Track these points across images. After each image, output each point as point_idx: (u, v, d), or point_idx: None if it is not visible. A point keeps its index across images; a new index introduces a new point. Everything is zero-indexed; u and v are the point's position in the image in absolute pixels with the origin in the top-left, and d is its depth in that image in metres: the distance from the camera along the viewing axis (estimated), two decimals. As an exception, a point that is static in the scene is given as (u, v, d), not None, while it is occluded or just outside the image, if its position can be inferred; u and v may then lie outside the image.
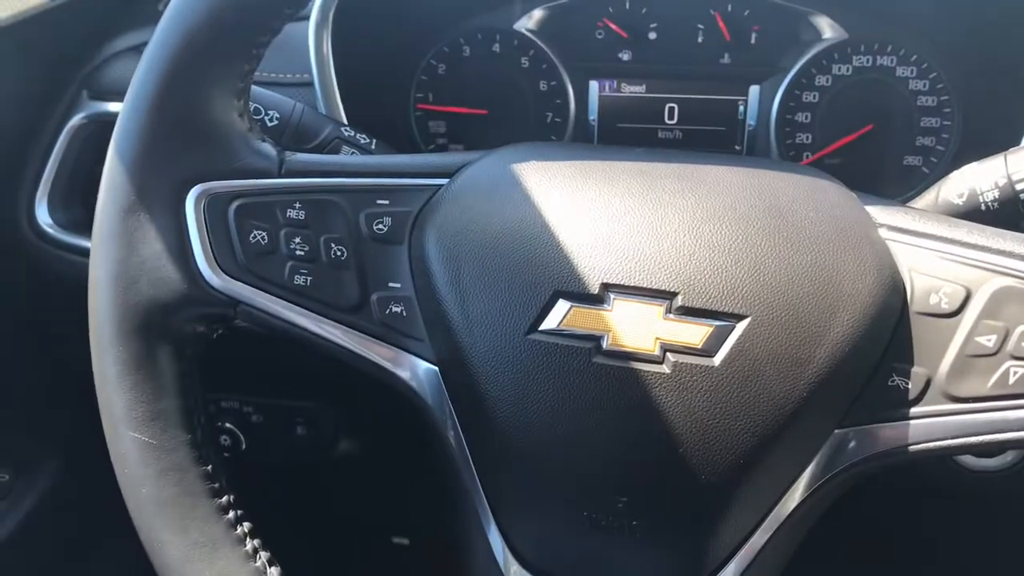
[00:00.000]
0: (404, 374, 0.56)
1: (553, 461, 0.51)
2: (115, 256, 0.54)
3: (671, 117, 0.94)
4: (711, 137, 0.94)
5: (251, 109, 0.59)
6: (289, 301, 0.55)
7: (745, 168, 0.56)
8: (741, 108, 0.93)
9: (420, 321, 0.55)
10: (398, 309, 0.55)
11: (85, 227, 0.89)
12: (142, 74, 0.54)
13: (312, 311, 0.55)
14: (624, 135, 0.96)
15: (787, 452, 0.50)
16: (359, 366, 0.56)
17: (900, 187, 0.91)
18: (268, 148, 0.56)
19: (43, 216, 0.87)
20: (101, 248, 0.54)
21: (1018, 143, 0.82)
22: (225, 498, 0.56)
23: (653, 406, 0.49)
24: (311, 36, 0.81)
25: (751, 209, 0.52)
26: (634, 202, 0.53)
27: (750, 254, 0.50)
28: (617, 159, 0.57)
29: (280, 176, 0.56)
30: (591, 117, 0.96)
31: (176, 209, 0.54)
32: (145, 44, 0.88)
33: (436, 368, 0.55)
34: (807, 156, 0.92)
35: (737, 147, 0.94)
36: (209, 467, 0.56)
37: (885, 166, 0.91)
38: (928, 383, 0.50)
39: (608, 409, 0.50)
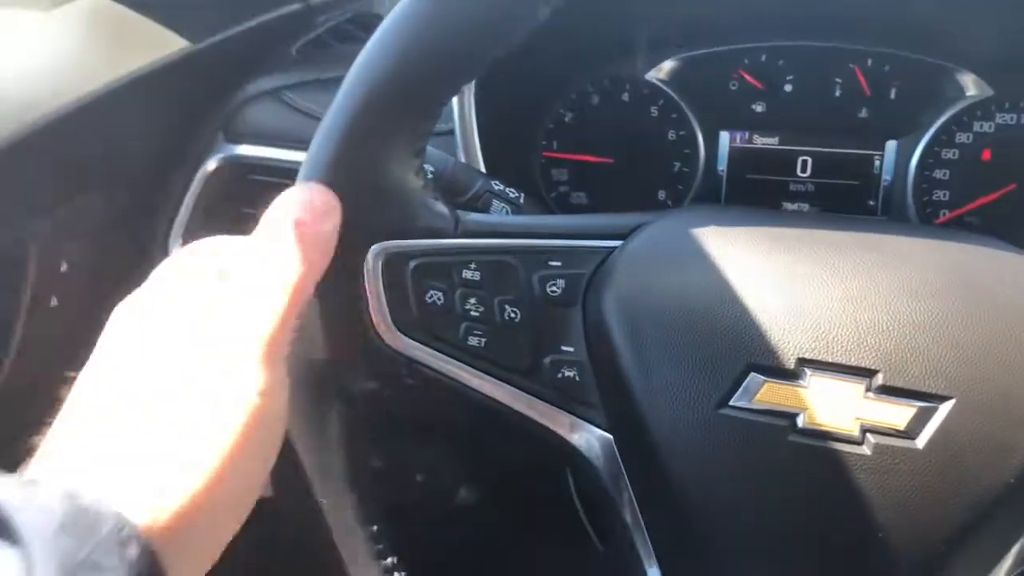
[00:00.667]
0: (575, 440, 0.55)
1: (741, 541, 0.50)
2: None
3: (804, 170, 0.92)
4: (845, 191, 0.92)
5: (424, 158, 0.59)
6: (463, 362, 0.55)
7: (932, 240, 0.54)
8: (877, 163, 0.91)
9: (593, 387, 0.54)
10: (571, 373, 0.54)
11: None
12: (325, 130, 0.54)
13: (485, 372, 0.55)
14: (754, 187, 0.94)
15: (988, 540, 0.48)
16: (528, 428, 0.55)
17: (1043, 248, 0.89)
18: (443, 208, 0.56)
19: (179, 256, 0.88)
20: None
21: None
22: (389, 560, 0.56)
23: (851, 489, 0.47)
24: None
25: (946, 284, 0.51)
26: (825, 273, 0.51)
27: (950, 331, 0.49)
28: (798, 225, 0.55)
29: (456, 236, 0.56)
30: (720, 168, 0.94)
31: (355, 268, 0.54)
32: (281, 88, 0.92)
33: (609, 436, 0.54)
34: (944, 214, 0.90)
35: (871, 202, 0.92)
36: (374, 527, 0.56)
37: (1027, 226, 0.89)
38: None
39: (803, 490, 0.48)
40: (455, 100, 0.82)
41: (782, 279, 0.52)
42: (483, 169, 0.82)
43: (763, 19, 0.91)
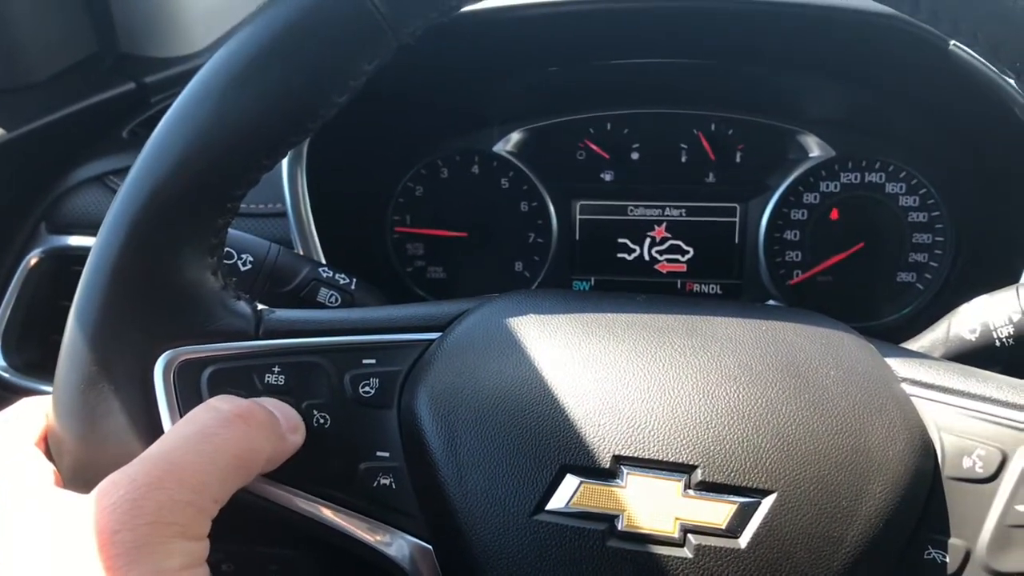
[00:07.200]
0: (394, 553, 0.50)
1: (564, 656, 0.46)
2: (75, 433, 0.49)
3: (656, 236, 0.91)
4: (698, 256, 0.92)
5: (223, 254, 0.55)
6: (267, 476, 0.50)
7: (756, 320, 0.52)
8: (728, 227, 0.90)
9: (412, 494, 0.50)
10: (387, 481, 0.50)
11: (43, 369, 0.84)
12: (106, 230, 0.49)
13: (293, 486, 0.50)
14: (608, 255, 0.93)
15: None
16: (344, 544, 0.51)
17: (894, 304, 0.89)
18: (244, 307, 0.52)
19: (-3, 359, 0.82)
20: (59, 426, 0.49)
21: (1014, 257, 0.81)
22: None
23: (675, 595, 0.44)
24: (285, 172, 0.78)
25: (768, 368, 0.49)
26: (642, 362, 0.49)
27: (771, 420, 0.46)
28: (619, 311, 0.53)
29: (258, 337, 0.51)
30: (574, 237, 0.93)
31: (143, 379, 0.49)
32: (108, 174, 0.86)
33: (430, 547, 0.50)
34: (797, 274, 0.90)
35: (726, 266, 0.91)
36: None
37: (878, 283, 0.89)
38: (967, 556, 0.46)
39: (626, 599, 0.45)
40: (286, 187, 0.78)
41: (598, 370, 0.49)
42: (320, 252, 0.79)
43: (606, 89, 0.90)
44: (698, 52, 0.83)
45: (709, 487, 0.45)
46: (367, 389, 0.51)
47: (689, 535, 0.45)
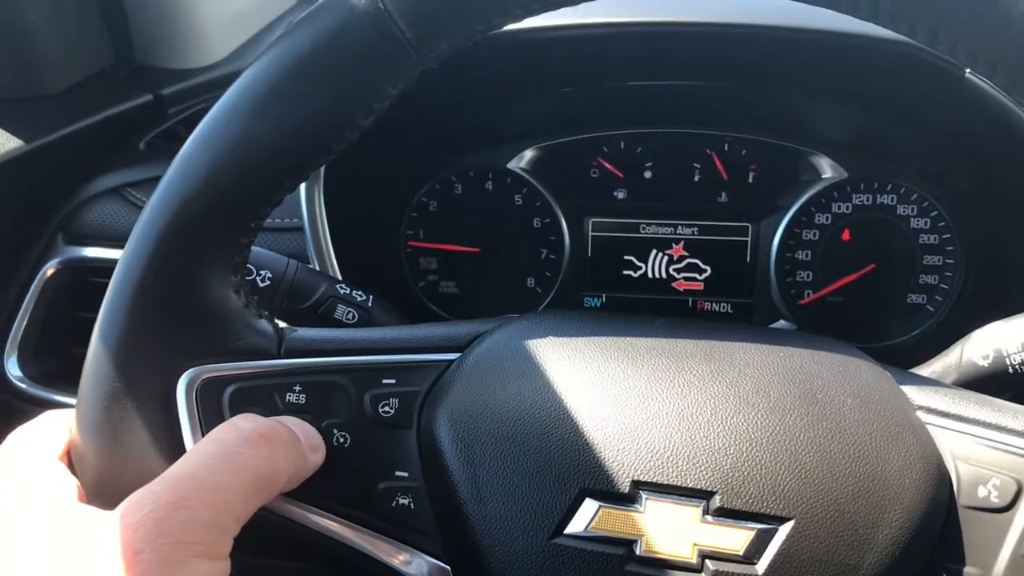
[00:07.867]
0: (412, 572, 0.51)
1: None
2: (98, 448, 0.50)
3: (669, 255, 0.92)
4: (711, 275, 0.92)
5: (245, 272, 0.55)
6: (286, 495, 0.51)
7: (774, 346, 0.53)
8: (740, 246, 0.91)
9: (430, 514, 0.51)
10: (405, 501, 0.51)
11: (59, 379, 0.84)
12: (133, 247, 0.50)
13: (312, 505, 0.51)
14: (620, 272, 0.94)
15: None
16: (362, 564, 0.52)
17: (905, 325, 0.90)
18: (266, 325, 0.53)
19: (13, 370, 0.82)
20: (82, 441, 0.50)
21: (1024, 281, 0.81)
22: None
23: (691, 621, 0.45)
24: (303, 189, 0.78)
25: (785, 395, 0.49)
26: (661, 387, 0.49)
27: (789, 447, 0.47)
28: (637, 334, 0.54)
29: (279, 356, 0.52)
30: (586, 254, 0.93)
31: (166, 396, 0.50)
32: (125, 186, 0.87)
33: (448, 567, 0.50)
34: (808, 294, 0.91)
35: (737, 285, 0.92)
36: None
37: (889, 304, 0.90)
38: None
39: (642, 624, 0.46)
40: (303, 197, 0.79)
41: (617, 395, 0.49)
42: (336, 267, 0.79)
43: (620, 108, 0.90)
44: (713, 74, 0.84)
45: (727, 513, 0.46)
46: (387, 409, 0.52)
47: (707, 561, 0.45)
